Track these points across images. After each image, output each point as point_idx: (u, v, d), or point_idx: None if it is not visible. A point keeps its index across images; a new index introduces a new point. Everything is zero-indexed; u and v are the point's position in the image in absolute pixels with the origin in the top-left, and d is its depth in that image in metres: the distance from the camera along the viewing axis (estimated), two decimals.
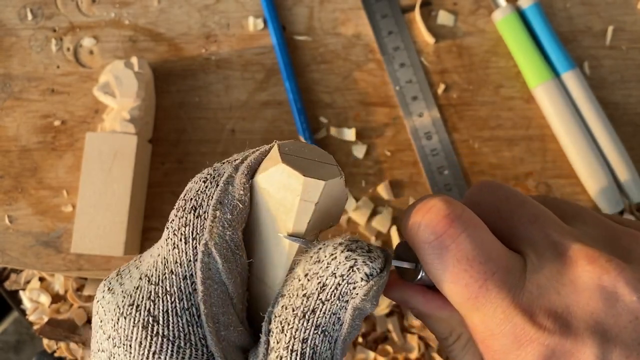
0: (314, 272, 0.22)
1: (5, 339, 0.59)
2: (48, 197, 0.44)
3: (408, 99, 0.46)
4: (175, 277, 0.22)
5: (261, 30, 0.47)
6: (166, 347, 0.22)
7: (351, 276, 0.21)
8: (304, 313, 0.22)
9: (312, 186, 0.22)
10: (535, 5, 0.46)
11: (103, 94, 0.42)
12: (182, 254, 0.23)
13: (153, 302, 0.22)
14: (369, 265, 0.21)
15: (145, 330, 0.22)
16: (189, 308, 0.22)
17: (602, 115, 0.45)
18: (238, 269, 0.23)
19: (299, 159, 0.23)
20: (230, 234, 0.23)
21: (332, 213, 0.23)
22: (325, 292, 0.22)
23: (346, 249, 0.22)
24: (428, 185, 0.45)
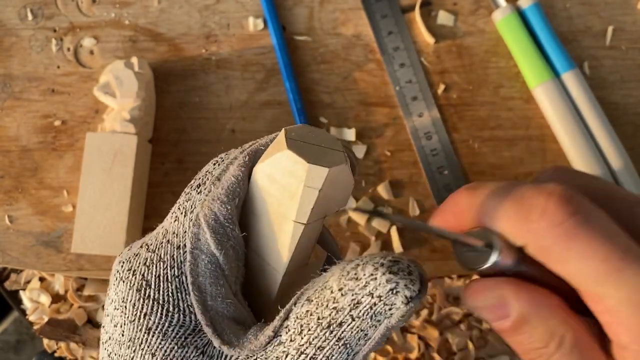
0: (349, 289, 0.21)
1: (6, 339, 0.59)
2: (48, 197, 0.44)
3: (408, 99, 0.46)
4: (170, 245, 0.24)
5: (261, 30, 0.47)
6: (156, 310, 0.23)
7: (390, 298, 0.21)
8: (329, 324, 0.21)
9: (316, 173, 0.22)
10: (535, 5, 0.46)
11: (103, 94, 0.42)
12: (180, 225, 0.24)
13: (147, 268, 0.24)
14: (410, 288, 0.21)
15: (138, 293, 0.23)
16: (178, 276, 0.23)
17: (602, 115, 0.45)
18: (230, 242, 0.24)
19: (305, 144, 0.23)
20: (219, 207, 0.23)
21: (337, 198, 0.24)
22: (357, 310, 0.21)
23: (388, 271, 0.21)
24: (428, 185, 0.45)
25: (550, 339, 0.22)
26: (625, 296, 0.21)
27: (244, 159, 0.24)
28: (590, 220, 0.21)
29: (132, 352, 0.23)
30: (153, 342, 0.23)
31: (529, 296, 0.22)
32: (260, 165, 0.24)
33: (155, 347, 0.23)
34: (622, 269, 0.20)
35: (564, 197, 0.21)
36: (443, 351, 0.46)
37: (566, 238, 0.21)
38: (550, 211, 0.21)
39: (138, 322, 0.23)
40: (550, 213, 0.21)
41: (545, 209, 0.21)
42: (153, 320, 0.23)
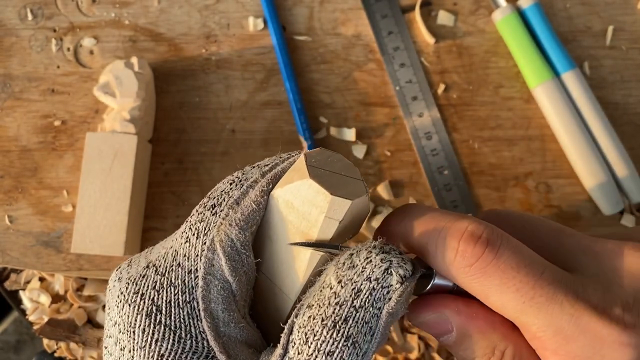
0: (348, 278, 0.21)
1: (6, 339, 0.59)
2: (48, 197, 0.44)
3: (408, 99, 0.46)
4: (181, 270, 0.23)
5: (261, 30, 0.47)
6: (168, 336, 0.22)
7: (386, 279, 0.21)
8: (335, 323, 0.21)
9: (339, 205, 0.22)
10: (535, 5, 0.46)
11: (103, 94, 0.42)
12: (192, 248, 0.23)
13: (157, 292, 0.23)
14: (403, 267, 0.21)
15: (148, 318, 0.23)
16: (190, 301, 0.23)
17: (602, 115, 0.45)
18: (244, 269, 0.23)
19: (326, 172, 0.23)
20: (237, 233, 0.23)
21: (354, 226, 0.23)
22: (359, 299, 0.21)
23: (381, 251, 0.21)
24: (428, 185, 0.45)
25: (491, 354, 0.24)
26: (544, 322, 0.22)
27: (266, 185, 0.24)
28: (500, 254, 0.22)
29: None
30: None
31: (468, 312, 0.24)
32: (279, 191, 0.24)
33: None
34: (535, 296, 0.22)
35: (472, 237, 0.22)
36: (443, 351, 0.46)
37: (480, 276, 0.22)
38: (461, 253, 0.22)
39: (149, 348, 0.22)
40: (461, 255, 0.22)
41: (457, 250, 0.22)
42: (165, 347, 0.22)
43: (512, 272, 0.22)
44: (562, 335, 0.22)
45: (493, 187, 0.45)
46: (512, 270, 0.22)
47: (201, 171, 0.45)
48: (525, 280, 0.22)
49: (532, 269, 0.22)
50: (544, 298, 0.21)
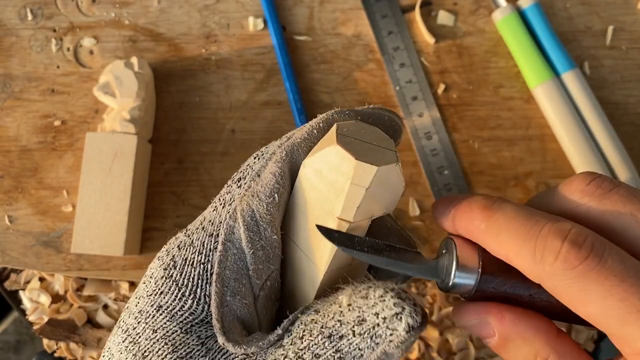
0: (357, 305, 0.22)
1: (5, 339, 0.59)
2: (48, 197, 0.44)
3: (408, 99, 0.46)
4: (203, 232, 0.25)
5: (261, 30, 0.47)
6: (172, 290, 0.24)
7: (394, 323, 0.21)
8: (331, 334, 0.22)
9: (364, 170, 0.21)
10: (535, 5, 0.46)
11: (103, 94, 0.42)
12: (217, 215, 0.25)
13: (179, 249, 0.25)
14: (414, 317, 0.21)
15: (164, 271, 0.24)
16: (204, 263, 0.24)
17: (602, 115, 0.45)
18: (261, 242, 0.24)
19: (356, 141, 0.22)
20: (257, 204, 0.23)
21: (385, 200, 0.23)
22: (361, 327, 0.22)
23: (396, 296, 0.22)
24: (428, 185, 0.45)
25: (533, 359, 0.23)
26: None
27: (281, 155, 0.24)
28: (604, 260, 0.21)
29: (137, 323, 0.24)
30: (159, 319, 0.23)
31: (512, 318, 0.23)
32: (309, 159, 0.24)
33: (159, 325, 0.23)
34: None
35: (577, 240, 0.21)
36: (443, 351, 0.46)
37: (582, 280, 0.21)
38: (564, 254, 0.21)
39: (153, 297, 0.24)
40: (564, 256, 0.21)
41: (560, 252, 0.21)
42: (166, 300, 0.24)
43: (616, 281, 0.21)
44: None
45: (493, 187, 0.45)
46: (616, 278, 0.21)
47: (201, 171, 0.45)
48: (631, 290, 0.21)
49: (637, 279, 0.21)
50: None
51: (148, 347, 0.23)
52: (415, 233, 0.45)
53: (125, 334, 0.24)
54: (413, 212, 0.45)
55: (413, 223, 0.45)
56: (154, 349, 0.23)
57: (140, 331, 0.23)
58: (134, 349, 0.23)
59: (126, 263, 0.44)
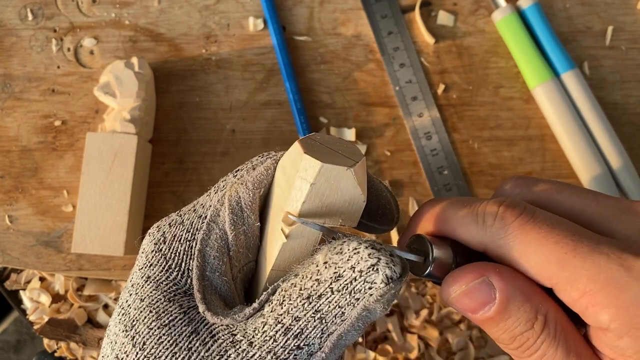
0: (333, 262, 0.22)
1: (6, 339, 0.59)
2: (48, 197, 0.44)
3: (408, 99, 0.46)
4: (194, 213, 0.26)
5: (261, 30, 0.47)
6: (159, 263, 0.25)
7: (371, 275, 0.21)
8: (309, 295, 0.22)
9: (310, 164, 0.21)
10: (535, 6, 0.46)
11: (103, 94, 0.42)
12: (209, 199, 0.26)
13: (169, 227, 0.26)
14: (391, 267, 0.21)
15: (154, 246, 0.26)
16: (190, 240, 0.25)
17: (602, 115, 0.45)
18: (243, 227, 0.25)
19: (322, 146, 0.23)
20: (244, 191, 0.25)
21: (339, 208, 0.23)
22: (338, 283, 0.21)
23: (370, 247, 0.21)
24: (428, 185, 0.45)
25: (535, 319, 0.23)
26: (592, 272, 0.21)
27: (280, 155, 0.25)
28: (536, 215, 0.23)
29: (129, 295, 0.25)
30: (146, 288, 0.25)
31: (510, 274, 0.23)
32: (281, 159, 0.25)
33: (146, 294, 0.24)
34: (577, 247, 0.22)
35: (512, 203, 0.24)
36: (443, 351, 0.46)
37: (519, 234, 0.23)
38: (500, 214, 0.23)
39: (142, 270, 0.25)
40: (501, 215, 0.23)
41: (497, 214, 0.23)
42: (153, 272, 0.25)
43: (548, 228, 0.22)
44: (614, 285, 0.21)
45: (493, 187, 0.45)
46: (547, 226, 0.22)
47: (201, 171, 0.45)
48: (562, 233, 0.22)
49: (568, 226, 0.22)
50: (586, 248, 0.21)
51: (136, 316, 0.24)
52: None
53: (119, 308, 0.25)
54: (413, 211, 0.45)
55: None
56: (141, 317, 0.24)
57: (130, 302, 0.24)
58: (125, 319, 0.24)
59: (126, 263, 0.44)
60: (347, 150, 0.23)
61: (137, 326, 0.23)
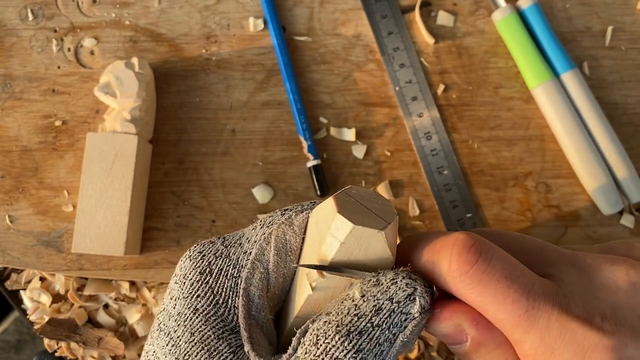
0: (371, 294, 0.22)
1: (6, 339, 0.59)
2: (49, 197, 0.44)
3: (408, 99, 0.46)
4: (240, 247, 0.26)
5: (261, 30, 0.47)
6: (208, 296, 0.25)
7: (407, 305, 0.21)
8: (349, 332, 0.21)
9: (342, 224, 0.22)
10: (534, 6, 0.46)
11: (104, 94, 0.42)
12: (255, 234, 0.26)
13: (216, 258, 0.26)
14: (425, 297, 0.21)
15: (200, 275, 0.25)
16: (236, 277, 0.25)
17: (602, 115, 0.45)
18: (284, 270, 0.25)
19: (356, 202, 0.23)
20: (291, 235, 0.25)
21: (366, 265, 0.23)
22: (379, 317, 0.21)
23: (407, 277, 0.22)
24: (428, 185, 0.45)
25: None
26: (536, 338, 0.22)
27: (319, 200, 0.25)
28: (494, 263, 0.22)
29: (177, 325, 0.24)
30: (196, 322, 0.24)
31: (485, 323, 0.23)
32: (314, 210, 0.25)
33: (197, 328, 0.24)
34: (529, 309, 0.22)
35: (465, 244, 0.22)
36: (443, 351, 0.46)
37: (476, 285, 0.22)
38: (455, 260, 0.22)
39: (190, 300, 0.25)
40: (455, 262, 0.22)
41: (451, 258, 0.22)
42: (202, 305, 0.24)
43: (507, 282, 0.22)
44: (550, 350, 0.22)
45: (493, 187, 0.45)
46: (507, 279, 0.22)
47: (201, 171, 0.45)
48: (520, 291, 0.22)
49: (525, 280, 0.22)
50: (536, 311, 0.22)
51: (187, 351, 0.23)
52: (415, 232, 0.45)
53: (168, 337, 0.24)
54: (413, 212, 0.45)
55: (413, 223, 0.45)
56: (193, 352, 0.23)
57: (180, 334, 0.24)
58: (176, 352, 0.23)
59: (126, 263, 0.44)
60: (380, 209, 0.23)
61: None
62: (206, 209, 0.45)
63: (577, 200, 0.45)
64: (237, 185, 0.45)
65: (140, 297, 0.46)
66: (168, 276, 0.44)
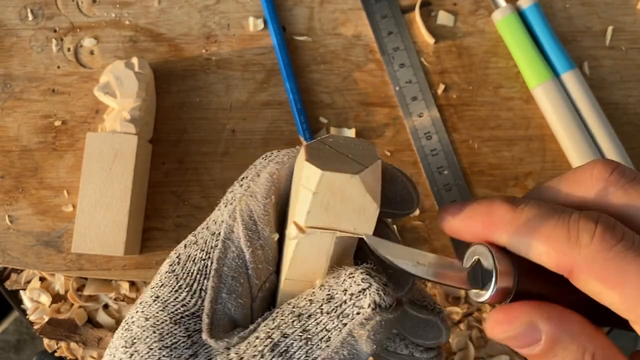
0: (328, 284, 0.22)
1: (6, 339, 0.59)
2: (49, 197, 0.44)
3: (408, 99, 0.46)
4: (207, 231, 0.25)
5: (261, 30, 0.47)
6: (171, 283, 0.25)
7: (360, 299, 0.21)
8: (300, 314, 0.22)
9: (311, 172, 0.20)
10: (534, 6, 0.46)
11: (104, 94, 0.42)
12: (220, 214, 0.25)
13: (184, 247, 0.26)
14: (381, 295, 0.21)
15: (169, 266, 0.25)
16: (205, 259, 0.25)
17: (602, 115, 0.45)
18: (260, 242, 0.24)
19: (331, 150, 0.21)
20: (254, 204, 0.24)
21: (349, 215, 0.21)
22: (329, 304, 0.22)
23: (365, 272, 0.22)
24: (428, 185, 0.45)
25: (582, 358, 0.22)
26: None
27: (282, 158, 0.25)
28: (636, 245, 0.21)
29: (135, 312, 0.24)
30: (153, 308, 0.24)
31: (558, 316, 0.22)
32: (295, 164, 0.24)
33: (152, 313, 0.24)
34: None
35: (609, 223, 0.21)
36: (443, 351, 0.46)
37: (620, 259, 0.21)
38: (600, 234, 0.21)
39: (153, 290, 0.25)
40: (600, 236, 0.21)
41: (596, 232, 0.21)
42: (163, 292, 0.24)
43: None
44: None
45: (493, 187, 0.45)
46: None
47: (201, 171, 0.45)
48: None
49: None
50: None
51: (137, 334, 0.23)
52: (415, 233, 0.45)
53: (124, 322, 0.24)
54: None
55: (413, 223, 0.45)
56: (143, 336, 0.23)
57: (135, 319, 0.24)
58: (126, 335, 0.24)
59: (126, 263, 0.44)
60: (359, 154, 0.21)
61: (138, 345, 0.23)
62: (206, 209, 0.45)
63: None
64: None
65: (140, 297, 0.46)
66: None
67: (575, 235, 0.21)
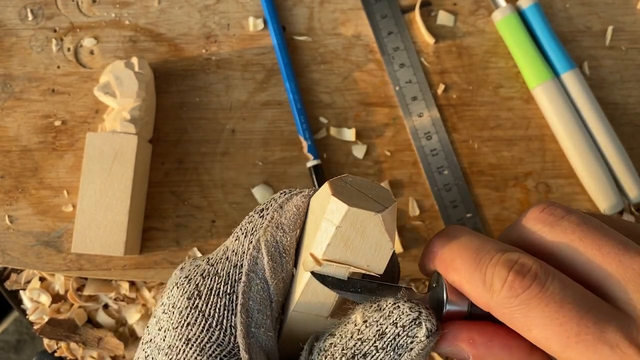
0: (374, 320, 0.22)
1: (6, 339, 0.59)
2: (49, 197, 0.44)
3: (408, 99, 0.46)
4: (228, 262, 0.24)
5: (261, 30, 0.47)
6: (199, 322, 0.23)
7: (413, 329, 0.21)
8: (354, 355, 0.22)
9: (337, 207, 0.21)
10: (534, 6, 0.46)
11: (103, 94, 0.42)
12: (239, 245, 0.25)
13: (202, 279, 0.24)
14: (431, 321, 0.22)
15: (188, 301, 0.24)
16: (230, 293, 0.24)
17: (602, 115, 0.45)
18: (282, 274, 0.24)
19: (352, 189, 0.22)
20: (281, 236, 0.24)
21: (365, 252, 0.22)
22: (382, 341, 0.22)
23: (409, 301, 0.22)
24: (428, 185, 0.45)
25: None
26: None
27: (308, 192, 0.25)
28: (546, 288, 0.22)
29: (166, 357, 0.23)
30: (189, 354, 0.23)
31: (483, 341, 0.23)
32: (312, 198, 0.24)
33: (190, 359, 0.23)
34: (581, 333, 0.21)
35: (522, 269, 0.22)
36: None
37: (524, 307, 0.22)
38: (509, 283, 0.22)
39: (180, 330, 0.23)
40: (509, 285, 0.22)
41: (506, 280, 0.22)
42: (194, 332, 0.23)
43: (555, 306, 0.21)
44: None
45: (493, 187, 0.45)
46: (555, 304, 0.21)
47: (201, 171, 0.45)
48: (569, 315, 0.21)
49: (577, 305, 0.21)
50: (590, 337, 0.21)
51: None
52: (415, 233, 0.45)
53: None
54: (413, 212, 0.45)
55: (413, 223, 0.45)
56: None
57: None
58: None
59: (126, 263, 0.44)
60: (378, 195, 0.22)
61: None
62: (206, 209, 0.45)
63: (577, 200, 0.45)
64: (237, 185, 0.45)
65: (140, 297, 0.46)
66: (168, 276, 0.44)
67: (490, 282, 0.22)
